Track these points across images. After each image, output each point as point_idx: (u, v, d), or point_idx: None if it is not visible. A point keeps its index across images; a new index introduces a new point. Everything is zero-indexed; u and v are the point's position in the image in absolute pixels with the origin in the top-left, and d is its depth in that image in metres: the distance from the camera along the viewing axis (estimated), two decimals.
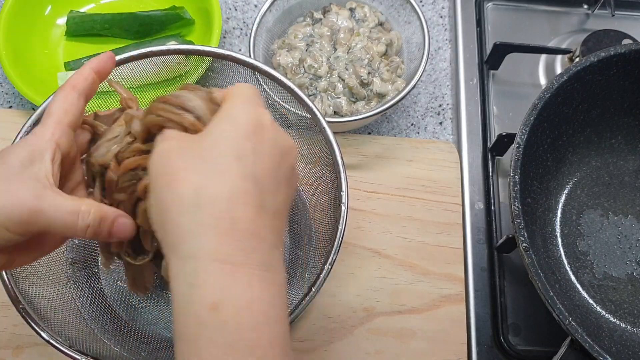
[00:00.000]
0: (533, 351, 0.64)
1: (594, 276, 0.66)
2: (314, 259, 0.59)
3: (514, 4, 0.82)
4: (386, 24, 0.74)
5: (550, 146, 0.66)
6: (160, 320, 0.60)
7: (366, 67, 0.69)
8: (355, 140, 0.72)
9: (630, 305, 0.64)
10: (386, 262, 0.66)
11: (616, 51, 0.62)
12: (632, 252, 0.67)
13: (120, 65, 0.54)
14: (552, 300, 0.53)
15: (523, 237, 0.55)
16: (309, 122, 0.57)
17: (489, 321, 0.65)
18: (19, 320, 0.49)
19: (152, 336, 0.59)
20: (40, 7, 0.77)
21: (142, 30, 0.77)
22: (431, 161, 0.71)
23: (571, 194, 0.69)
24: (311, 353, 0.62)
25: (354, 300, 0.65)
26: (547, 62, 0.78)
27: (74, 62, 0.75)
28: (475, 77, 0.77)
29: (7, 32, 0.72)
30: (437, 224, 0.68)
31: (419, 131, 0.75)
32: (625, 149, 0.70)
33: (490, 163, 0.72)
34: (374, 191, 0.70)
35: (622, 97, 0.67)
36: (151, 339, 0.59)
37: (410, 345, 0.63)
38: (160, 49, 0.55)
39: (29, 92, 0.69)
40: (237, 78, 0.60)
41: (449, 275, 0.66)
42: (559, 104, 0.62)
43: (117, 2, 0.80)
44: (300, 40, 0.71)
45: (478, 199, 0.71)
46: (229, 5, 0.81)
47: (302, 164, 0.63)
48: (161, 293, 0.61)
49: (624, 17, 0.82)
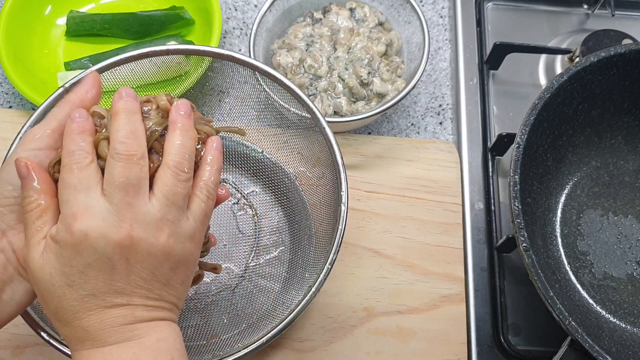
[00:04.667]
0: (533, 351, 0.64)
1: (594, 276, 0.66)
2: (314, 259, 0.59)
3: (514, 4, 0.82)
4: (386, 24, 0.74)
5: (550, 146, 0.66)
6: None
7: (366, 67, 0.69)
8: (355, 140, 0.72)
9: (630, 305, 0.64)
10: (386, 262, 0.66)
11: (616, 51, 0.62)
12: (632, 252, 0.67)
13: (120, 65, 0.54)
14: (552, 300, 0.53)
15: (523, 237, 0.55)
16: (309, 122, 0.57)
17: (489, 321, 0.65)
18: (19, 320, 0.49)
19: None
20: (40, 7, 0.77)
21: (142, 30, 0.77)
22: (431, 161, 0.71)
23: (571, 194, 0.69)
24: (311, 353, 0.62)
25: (354, 300, 0.65)
26: (547, 62, 0.78)
27: (74, 62, 0.75)
28: (475, 77, 0.77)
29: (7, 32, 0.72)
30: (437, 224, 0.68)
31: (419, 131, 0.75)
32: (625, 149, 0.70)
33: (490, 163, 0.72)
34: (374, 191, 0.70)
35: (622, 97, 0.67)
36: None
37: (410, 345, 0.63)
38: (160, 49, 0.55)
39: (29, 92, 0.69)
40: (237, 78, 0.60)
41: (449, 275, 0.66)
42: (559, 104, 0.62)
43: (117, 2, 0.80)
44: (300, 40, 0.71)
45: (478, 199, 0.71)
46: (229, 5, 0.81)
47: (302, 164, 0.63)
48: None
49: (624, 17, 0.82)
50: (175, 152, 0.39)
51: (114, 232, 0.36)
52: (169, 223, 0.38)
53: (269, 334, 0.51)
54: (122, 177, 0.37)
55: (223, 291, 0.62)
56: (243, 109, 0.66)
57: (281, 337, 0.55)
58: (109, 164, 0.38)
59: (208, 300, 0.62)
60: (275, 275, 0.63)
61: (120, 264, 0.37)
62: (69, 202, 0.37)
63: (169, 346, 0.39)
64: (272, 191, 0.67)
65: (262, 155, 0.66)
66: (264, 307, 0.61)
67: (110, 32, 0.77)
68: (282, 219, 0.66)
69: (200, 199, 0.41)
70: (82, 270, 0.37)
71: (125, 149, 0.38)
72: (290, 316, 0.51)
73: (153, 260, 0.38)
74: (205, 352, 0.56)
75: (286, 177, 0.66)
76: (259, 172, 0.67)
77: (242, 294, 0.62)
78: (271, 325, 0.52)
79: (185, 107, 0.42)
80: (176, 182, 0.39)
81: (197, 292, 0.62)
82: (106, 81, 0.55)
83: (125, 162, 0.37)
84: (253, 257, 0.64)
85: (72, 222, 0.36)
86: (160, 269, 0.39)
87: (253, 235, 0.65)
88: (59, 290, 0.37)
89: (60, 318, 0.38)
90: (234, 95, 0.66)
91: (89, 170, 0.38)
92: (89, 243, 0.36)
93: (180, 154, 0.39)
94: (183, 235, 0.39)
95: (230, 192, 0.49)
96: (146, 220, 0.37)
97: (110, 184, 0.37)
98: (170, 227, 0.38)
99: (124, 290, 0.38)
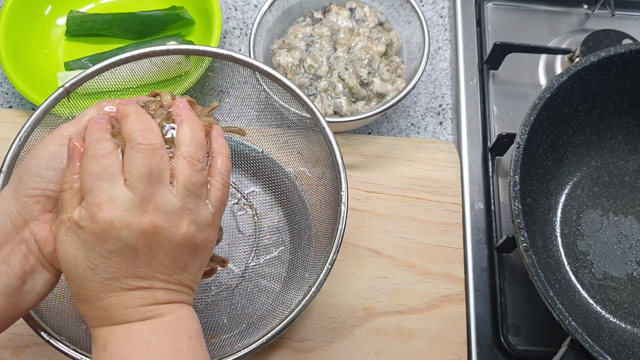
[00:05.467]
0: (533, 351, 0.64)
1: (594, 276, 0.66)
2: (314, 259, 0.59)
3: (514, 4, 0.82)
4: (386, 24, 0.74)
5: (550, 146, 0.66)
6: None
7: (366, 67, 0.69)
8: (355, 140, 0.72)
9: (630, 305, 0.64)
10: (386, 262, 0.66)
11: (616, 51, 0.62)
12: (632, 252, 0.67)
13: (120, 65, 0.54)
14: (552, 300, 0.53)
15: (523, 237, 0.55)
16: (309, 122, 0.57)
17: (489, 321, 0.65)
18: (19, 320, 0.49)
19: None
20: (40, 7, 0.77)
21: (142, 30, 0.77)
22: (431, 161, 0.71)
23: (571, 194, 0.69)
24: (311, 353, 0.62)
25: (354, 300, 0.65)
26: (547, 62, 0.78)
27: (74, 62, 0.75)
28: (475, 77, 0.77)
29: (7, 32, 0.72)
30: (437, 224, 0.68)
31: (419, 131, 0.75)
32: (625, 149, 0.70)
33: (490, 163, 0.72)
34: (374, 191, 0.70)
35: (622, 97, 0.67)
36: None
37: (410, 345, 0.63)
38: (160, 49, 0.55)
39: (29, 92, 0.69)
40: (237, 78, 0.60)
41: (449, 275, 0.66)
42: (559, 104, 0.62)
43: (117, 2, 0.80)
44: (300, 40, 0.71)
45: (478, 199, 0.71)
46: (229, 5, 0.81)
47: (302, 164, 0.63)
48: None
49: (624, 17, 0.82)
50: (188, 142, 0.41)
51: (138, 221, 0.38)
52: (189, 212, 0.40)
53: (269, 334, 0.51)
54: (144, 168, 0.38)
55: (223, 291, 0.62)
56: (243, 109, 0.66)
57: (281, 337, 0.55)
58: (130, 155, 0.39)
59: (208, 300, 0.62)
60: (275, 275, 0.63)
61: (143, 252, 0.38)
62: (92, 190, 0.38)
63: (187, 324, 0.40)
64: (272, 191, 0.67)
65: (262, 155, 0.66)
66: (264, 307, 0.61)
67: (110, 32, 0.77)
68: (282, 219, 0.66)
69: (216, 187, 0.42)
70: (106, 256, 0.38)
71: (145, 140, 0.39)
72: (290, 316, 0.51)
73: (174, 248, 0.39)
74: None
75: (286, 177, 0.66)
76: (259, 172, 0.67)
77: (242, 294, 0.62)
78: (271, 325, 0.52)
79: (184, 102, 0.44)
80: (193, 172, 0.40)
81: (198, 292, 0.62)
82: (106, 81, 0.55)
83: (147, 152, 0.38)
84: (253, 257, 0.64)
85: (97, 211, 0.37)
86: (180, 256, 0.40)
87: (253, 235, 0.65)
88: (82, 272, 0.38)
89: (81, 298, 0.39)
90: (234, 95, 0.66)
91: (112, 159, 0.39)
92: (114, 232, 0.37)
93: (193, 145, 0.41)
94: (202, 222, 0.41)
95: (230, 192, 0.50)
96: (168, 209, 0.39)
97: (132, 174, 0.38)
98: (190, 216, 0.40)
99: (145, 275, 0.39)
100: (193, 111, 0.43)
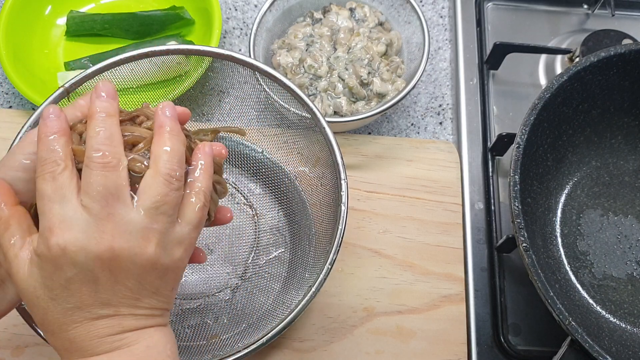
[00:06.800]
0: (533, 351, 0.64)
1: (594, 276, 0.66)
2: (314, 259, 0.59)
3: (514, 4, 0.82)
4: (386, 24, 0.74)
5: (550, 146, 0.66)
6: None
7: (366, 67, 0.69)
8: (355, 140, 0.72)
9: (630, 305, 0.64)
10: (386, 262, 0.66)
11: (616, 51, 0.62)
12: (632, 252, 0.67)
13: (120, 65, 0.54)
14: (552, 300, 0.53)
15: (523, 237, 0.55)
16: (309, 122, 0.57)
17: (489, 321, 0.65)
18: (19, 320, 0.49)
19: None
20: (40, 7, 0.77)
21: (142, 30, 0.77)
22: (431, 161, 0.71)
23: (571, 194, 0.69)
24: (311, 353, 0.62)
25: (354, 300, 0.65)
26: (547, 62, 0.78)
27: (74, 62, 0.75)
28: (475, 77, 0.77)
29: (7, 32, 0.72)
30: (437, 224, 0.68)
31: (419, 131, 0.75)
32: (625, 149, 0.70)
33: (490, 163, 0.72)
34: (374, 191, 0.70)
35: (622, 97, 0.67)
36: None
37: (410, 345, 0.63)
38: (160, 49, 0.55)
39: (29, 92, 0.69)
40: (237, 78, 0.60)
41: (449, 275, 0.66)
42: (559, 104, 0.62)
43: (117, 2, 0.80)
44: (300, 40, 0.71)
45: (478, 199, 0.71)
46: (229, 5, 0.81)
47: (302, 164, 0.63)
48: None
49: (624, 17, 0.82)
50: (166, 158, 0.38)
51: (94, 244, 0.35)
52: (156, 233, 0.37)
53: (269, 334, 0.51)
54: (99, 187, 0.35)
55: (223, 291, 0.62)
56: (243, 109, 0.66)
57: (281, 337, 0.55)
58: (85, 173, 0.36)
59: (208, 300, 0.62)
60: (275, 275, 0.63)
61: (104, 276, 0.36)
62: (44, 214, 0.36)
63: (159, 352, 0.38)
64: (272, 191, 0.67)
65: (262, 155, 0.66)
66: (264, 307, 0.61)
67: (110, 32, 0.77)
68: (282, 219, 0.66)
69: (195, 205, 0.39)
70: (64, 284, 0.36)
71: (100, 157, 0.36)
72: (290, 316, 0.51)
73: (140, 270, 0.37)
74: (205, 352, 0.56)
75: (286, 177, 0.66)
76: (259, 172, 0.67)
77: (242, 294, 0.62)
78: (271, 325, 0.52)
79: (171, 108, 0.40)
80: (167, 191, 0.37)
81: (197, 292, 0.62)
82: None
83: (101, 170, 0.36)
84: (253, 257, 0.64)
85: (49, 235, 0.35)
86: (147, 278, 0.37)
87: (253, 235, 0.65)
88: (43, 303, 0.36)
89: (46, 329, 0.37)
90: (234, 95, 0.66)
91: (63, 179, 0.36)
92: (68, 257, 0.35)
93: (171, 160, 0.38)
94: (172, 243, 0.38)
95: (233, 215, 0.48)
96: (129, 229, 0.36)
97: (88, 194, 0.35)
98: (157, 237, 0.37)
99: (110, 301, 0.37)
100: (177, 121, 0.40)
